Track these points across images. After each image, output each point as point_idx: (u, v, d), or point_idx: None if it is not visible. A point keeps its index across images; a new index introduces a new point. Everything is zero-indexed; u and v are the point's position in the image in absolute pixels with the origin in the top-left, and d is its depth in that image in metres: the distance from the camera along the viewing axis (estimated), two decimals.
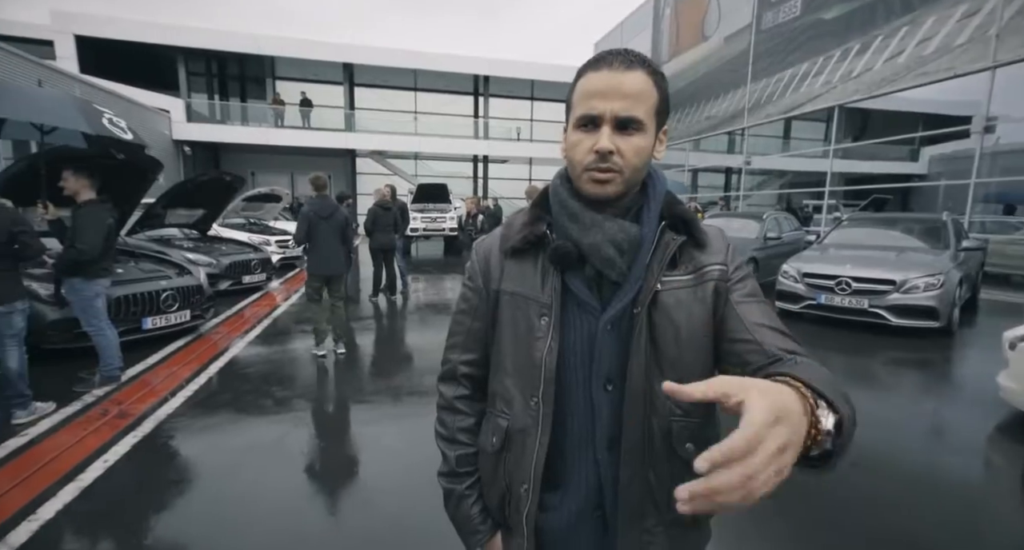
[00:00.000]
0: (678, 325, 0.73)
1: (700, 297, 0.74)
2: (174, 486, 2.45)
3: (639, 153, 0.70)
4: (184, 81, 16.78)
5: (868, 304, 5.23)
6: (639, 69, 0.68)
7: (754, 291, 0.77)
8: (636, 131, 0.69)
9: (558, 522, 0.80)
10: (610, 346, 0.74)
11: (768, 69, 11.85)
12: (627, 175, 0.70)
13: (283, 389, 3.68)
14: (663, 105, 0.72)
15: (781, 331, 0.72)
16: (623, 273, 0.72)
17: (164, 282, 4.61)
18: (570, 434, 0.77)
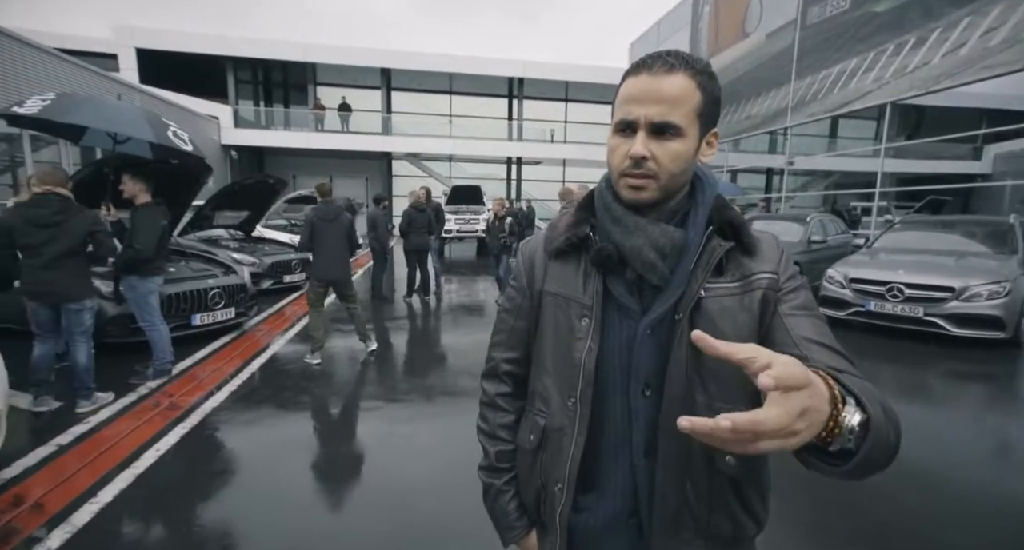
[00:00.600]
0: (722, 333, 0.67)
1: (746, 305, 0.72)
2: (218, 477, 2.57)
3: (676, 158, 0.68)
4: (232, 88, 17.61)
5: (923, 312, 4.92)
6: (680, 72, 0.67)
7: (807, 304, 0.73)
8: (673, 136, 0.67)
9: (592, 524, 0.79)
10: (649, 351, 0.73)
11: (814, 66, 11.36)
12: (663, 181, 0.69)
13: (320, 386, 3.79)
14: (709, 107, 0.70)
15: (833, 348, 0.68)
16: (664, 277, 0.71)
17: (212, 281, 4.84)
18: (606, 437, 0.77)
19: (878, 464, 0.52)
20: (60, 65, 8.56)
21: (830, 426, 0.49)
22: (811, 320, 0.71)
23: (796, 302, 0.72)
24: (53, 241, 3.03)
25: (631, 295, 0.74)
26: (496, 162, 20.93)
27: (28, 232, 2.99)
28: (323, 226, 4.18)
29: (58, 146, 8.88)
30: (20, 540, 1.99)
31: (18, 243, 3.00)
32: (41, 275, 3.04)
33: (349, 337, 5.22)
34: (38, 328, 3.14)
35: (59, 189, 3.14)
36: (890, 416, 0.54)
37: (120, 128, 3.68)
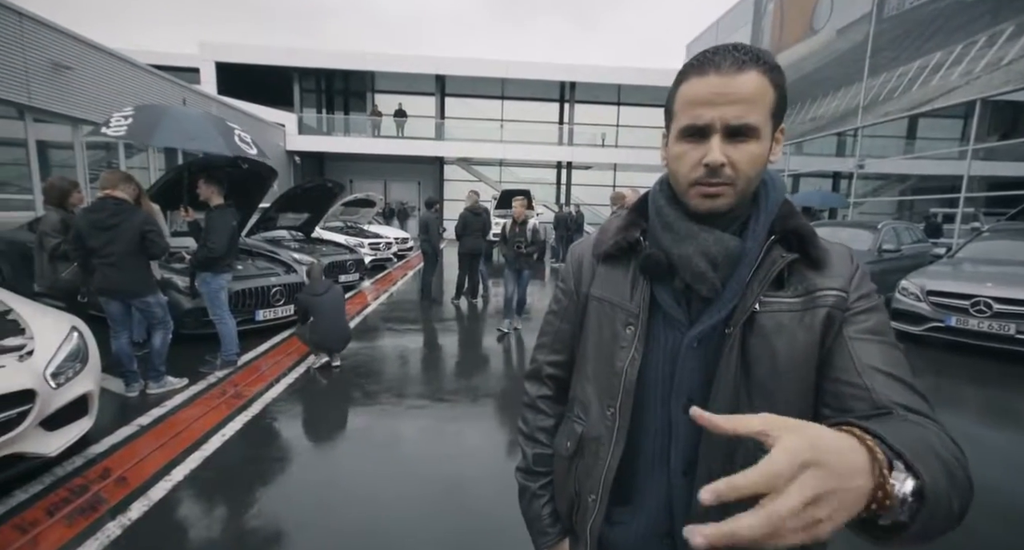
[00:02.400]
0: (776, 352, 0.65)
1: (807, 324, 0.65)
2: (276, 462, 2.73)
3: (754, 162, 0.63)
4: (298, 97, 18.71)
5: (1015, 330, 4.45)
6: (752, 68, 0.61)
7: (878, 328, 0.65)
8: (751, 138, 0.62)
9: (625, 539, 0.77)
10: (695, 365, 0.69)
11: (890, 62, 10.55)
12: (741, 186, 0.64)
13: (371, 382, 3.94)
14: (780, 103, 0.64)
15: (902, 380, 0.61)
16: (715, 288, 0.67)
17: (274, 279, 5.16)
18: (644, 452, 0.74)
19: (937, 532, 0.45)
20: (151, 80, 9.45)
21: (879, 496, 0.41)
22: (881, 347, 0.64)
23: (866, 325, 0.65)
24: (113, 242, 3.25)
25: (679, 305, 0.71)
26: (546, 166, 20.94)
27: (93, 235, 3.24)
28: (315, 301, 4.07)
29: (147, 153, 9.80)
30: (107, 509, 2.21)
31: (87, 245, 3.27)
32: (107, 273, 3.29)
33: (399, 337, 5.40)
34: (111, 321, 3.42)
35: (116, 192, 3.33)
36: (955, 475, 0.47)
37: (195, 145, 4.01)
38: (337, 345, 4.20)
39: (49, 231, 3.73)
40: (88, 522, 2.12)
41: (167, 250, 3.61)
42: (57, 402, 2.41)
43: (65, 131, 7.64)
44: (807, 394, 0.66)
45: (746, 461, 0.64)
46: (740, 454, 0.66)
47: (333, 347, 4.18)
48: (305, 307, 4.12)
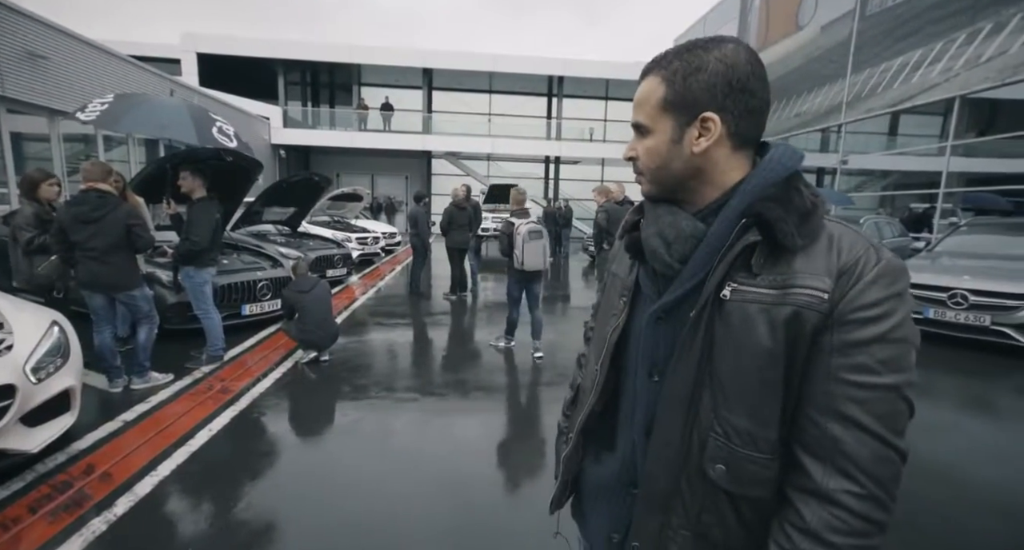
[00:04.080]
0: (738, 343, 0.64)
1: (769, 318, 0.62)
2: (264, 457, 2.71)
3: (648, 153, 0.72)
4: (282, 90, 18.40)
5: (990, 321, 4.58)
6: (649, 73, 0.71)
7: (875, 365, 0.58)
8: (645, 134, 0.72)
9: (597, 479, 0.87)
10: (660, 339, 0.74)
11: (873, 59, 10.71)
12: (650, 175, 0.74)
13: (360, 377, 3.93)
14: (676, 96, 0.67)
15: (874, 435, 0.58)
16: (667, 266, 0.71)
17: (260, 273, 5.09)
18: (622, 408, 0.83)
19: None
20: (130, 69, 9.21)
21: None
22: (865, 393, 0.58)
23: (855, 359, 0.59)
24: (97, 236, 3.19)
25: (651, 283, 0.77)
26: (534, 161, 20.92)
27: (76, 228, 3.17)
28: (301, 297, 4.04)
29: (127, 145, 9.58)
30: (91, 505, 2.18)
31: (70, 239, 3.19)
32: (91, 267, 3.23)
33: (389, 331, 5.38)
34: (94, 316, 3.34)
35: (99, 185, 3.25)
36: None
37: (166, 133, 3.93)
38: (325, 342, 4.17)
39: (23, 225, 3.62)
40: (72, 518, 2.08)
41: (153, 243, 3.55)
42: (38, 398, 2.36)
43: (41, 122, 7.43)
44: (767, 391, 0.64)
45: (698, 441, 0.68)
46: (696, 434, 0.68)
47: (321, 344, 4.15)
48: (291, 303, 4.08)
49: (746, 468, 0.66)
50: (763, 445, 0.65)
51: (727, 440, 0.66)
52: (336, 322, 4.41)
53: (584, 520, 0.92)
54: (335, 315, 4.93)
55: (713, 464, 0.67)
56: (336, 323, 4.38)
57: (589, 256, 11.37)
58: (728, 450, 0.66)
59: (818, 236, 0.64)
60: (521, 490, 2.51)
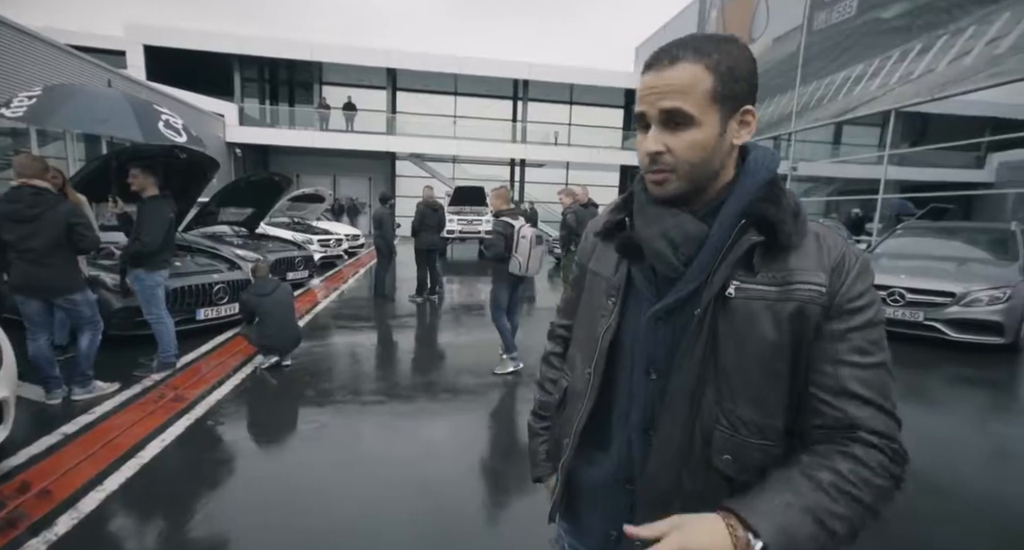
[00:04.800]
0: (741, 338, 0.67)
1: (775, 313, 0.66)
2: (222, 466, 2.59)
3: (692, 147, 0.66)
4: (238, 86, 17.67)
5: (923, 317, 4.94)
6: (684, 60, 0.65)
7: (868, 344, 0.66)
8: (686, 125, 0.65)
9: (593, 479, 0.86)
10: (660, 339, 0.73)
11: (819, 71, 11.39)
12: (684, 171, 0.67)
13: (324, 381, 3.82)
14: (729, 86, 0.65)
15: (876, 404, 0.65)
16: (673, 268, 0.70)
17: (216, 275, 4.88)
18: (615, 407, 0.82)
19: None
20: (68, 60, 8.63)
21: None
22: (868, 370, 0.65)
23: (856, 343, 0.65)
24: (34, 236, 2.95)
25: (649, 283, 0.75)
26: (499, 164, 20.98)
27: (7, 227, 2.94)
28: (261, 301, 3.89)
29: (64, 141, 8.95)
30: (27, 525, 2.02)
31: (2, 238, 2.95)
32: (27, 269, 2.99)
33: (353, 334, 5.26)
34: (29, 322, 3.09)
35: (35, 181, 3.02)
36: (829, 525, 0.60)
37: (106, 129, 3.66)
38: (287, 346, 4.04)
39: None
40: (4, 541, 1.93)
41: (98, 244, 3.34)
42: None
43: None
44: (771, 382, 0.67)
45: (702, 434, 0.70)
46: (699, 427, 0.70)
47: (283, 348, 4.01)
48: (251, 307, 3.93)
49: (753, 456, 0.69)
50: (770, 433, 0.69)
51: (734, 432, 0.69)
52: (299, 326, 4.27)
53: (578, 520, 0.91)
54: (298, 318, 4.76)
55: (720, 455, 0.69)
56: (299, 327, 4.25)
57: (555, 258, 11.50)
58: (736, 441, 0.69)
59: (806, 235, 0.69)
60: (495, 493, 2.50)
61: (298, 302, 6.58)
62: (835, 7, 11.18)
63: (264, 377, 3.85)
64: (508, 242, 3.81)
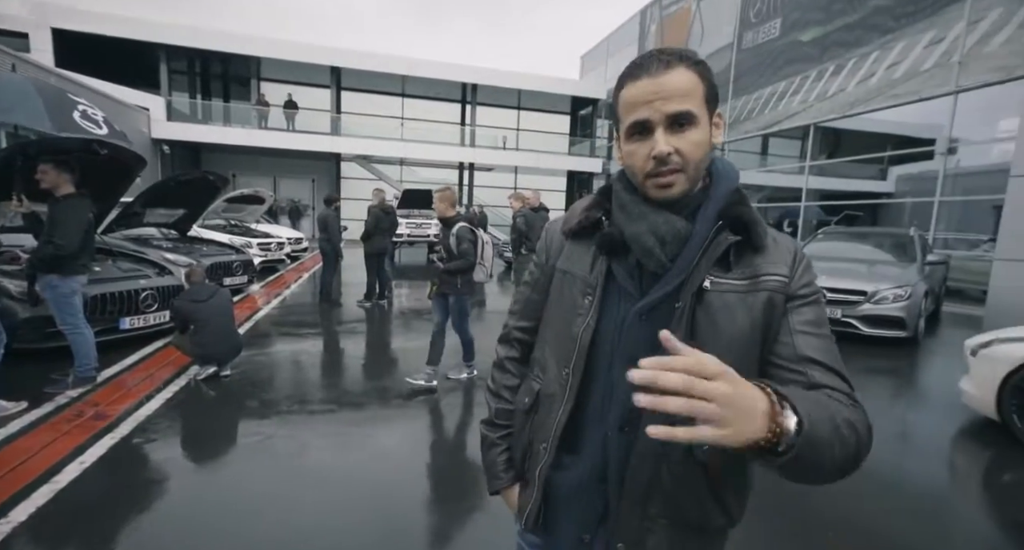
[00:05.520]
0: (720, 328, 0.72)
1: (749, 304, 0.72)
2: (154, 486, 2.40)
3: (698, 147, 0.70)
4: (165, 79, 16.44)
5: (841, 314, 5.43)
6: (679, 65, 0.69)
7: (818, 320, 0.74)
8: (691, 125, 0.69)
9: (568, 482, 0.85)
10: (642, 335, 0.75)
11: (749, 87, 12.28)
12: (691, 171, 0.71)
13: (268, 391, 3.63)
14: (711, 91, 0.72)
15: (834, 369, 0.71)
16: (662, 264, 0.73)
17: (144, 281, 4.52)
18: (591, 407, 0.81)
19: (820, 467, 0.58)
20: None
21: (773, 427, 0.53)
22: (819, 339, 0.72)
23: (807, 317, 0.73)
24: None
25: (632, 279, 0.77)
26: (448, 167, 20.86)
27: None
28: (197, 308, 3.65)
29: None
30: None
31: None
32: None
33: (298, 341, 5.03)
34: None
35: None
36: (840, 431, 0.59)
37: (9, 118, 3.33)
38: (226, 355, 3.80)
39: None
40: None
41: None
42: None
43: None
44: (749, 367, 0.72)
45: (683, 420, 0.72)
46: (679, 421, 0.73)
47: (221, 357, 3.78)
48: (185, 314, 3.67)
49: None
50: None
51: None
52: (239, 333, 4.04)
53: (553, 529, 0.88)
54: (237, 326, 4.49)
55: (701, 446, 0.72)
56: (239, 334, 4.02)
57: (505, 262, 11.58)
58: None
59: (767, 235, 0.76)
60: (452, 501, 2.48)
61: (237, 309, 6.22)
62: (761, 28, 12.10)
63: (201, 389, 3.61)
64: (473, 247, 3.69)
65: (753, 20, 12.22)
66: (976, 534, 2.31)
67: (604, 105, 20.57)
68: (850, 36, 9.83)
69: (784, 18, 11.30)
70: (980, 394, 3.22)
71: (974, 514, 2.51)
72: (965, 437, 3.28)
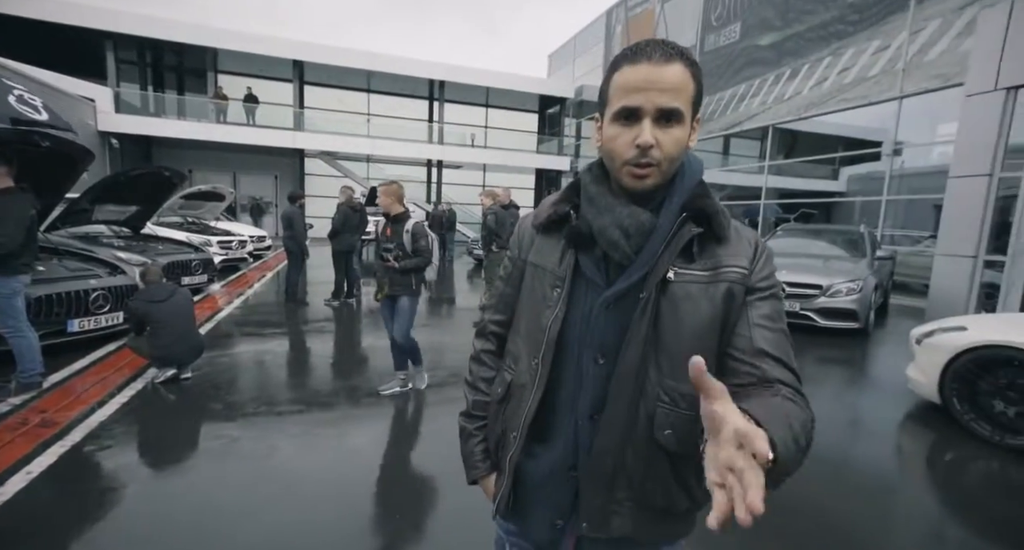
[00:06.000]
0: (682, 318, 0.74)
1: (710, 295, 0.75)
2: (110, 495, 2.28)
3: (678, 144, 0.72)
4: (113, 69, 15.52)
5: (800, 307, 5.69)
6: (678, 61, 0.69)
7: (775, 313, 0.76)
8: (677, 123, 0.70)
9: (538, 470, 0.86)
10: (610, 323, 0.77)
11: (711, 88, 12.66)
12: (665, 168, 0.73)
13: (232, 393, 3.50)
14: (699, 94, 0.73)
15: (785, 363, 0.74)
16: (627, 256, 0.75)
17: (94, 281, 4.27)
18: (560, 396, 0.83)
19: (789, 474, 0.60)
20: None
21: None
22: (774, 333, 0.75)
23: (765, 311, 0.76)
24: None
25: (598, 271, 0.79)
26: (416, 164, 20.60)
27: None
28: (154, 308, 3.47)
29: None
30: None
31: None
32: None
33: (264, 342, 4.87)
34: None
35: None
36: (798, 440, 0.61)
37: None
38: (186, 357, 3.64)
39: None
40: None
41: None
42: None
43: None
44: (710, 361, 0.75)
45: (645, 412, 0.76)
46: (642, 406, 0.77)
47: (182, 359, 3.61)
48: (141, 315, 3.49)
49: (690, 428, 0.74)
50: None
51: (675, 406, 0.76)
52: (200, 334, 3.88)
53: (526, 516, 0.90)
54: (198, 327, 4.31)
55: (662, 431, 0.76)
56: (200, 335, 3.85)
57: (475, 259, 11.55)
58: (675, 415, 0.76)
59: (730, 227, 0.78)
60: (427, 497, 2.46)
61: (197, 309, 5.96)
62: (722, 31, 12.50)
63: (159, 392, 3.45)
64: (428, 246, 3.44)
65: (714, 23, 12.62)
66: (919, 509, 2.47)
67: (572, 104, 20.78)
68: (804, 42, 10.30)
69: (743, 22, 11.72)
70: (924, 380, 3.45)
71: (918, 491, 2.68)
72: (911, 421, 3.50)
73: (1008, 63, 5.26)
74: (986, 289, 5.66)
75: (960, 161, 5.84)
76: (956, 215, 5.88)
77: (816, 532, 2.18)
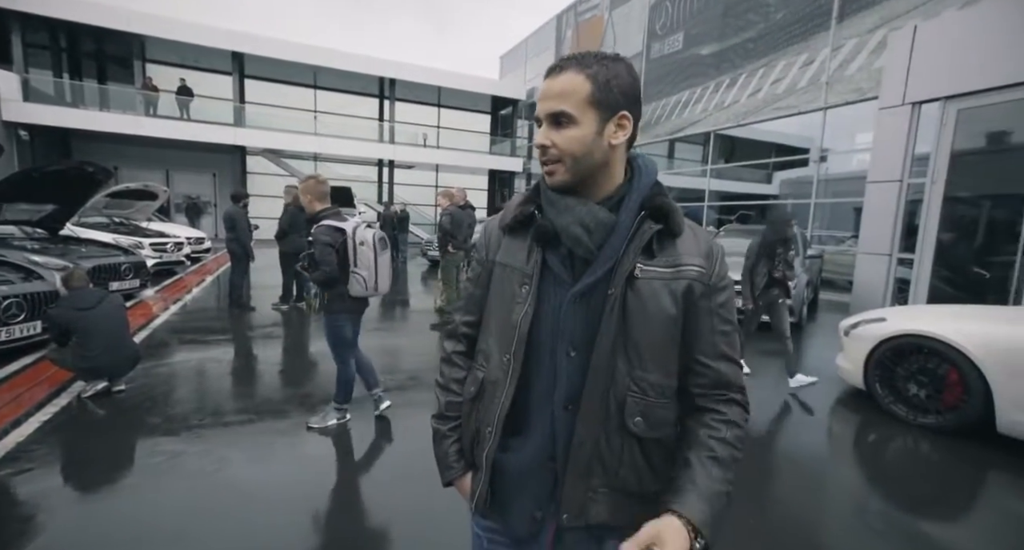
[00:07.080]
0: (648, 312, 0.80)
1: (671, 290, 0.80)
2: (30, 523, 2.08)
3: (571, 142, 0.77)
4: (20, 53, 14.05)
5: (741, 303, 6.04)
6: (568, 70, 0.77)
7: (729, 316, 0.85)
8: (569, 123, 0.77)
9: (515, 464, 0.89)
10: (579, 318, 0.81)
11: (657, 94, 13.20)
12: (569, 163, 0.78)
13: (173, 405, 3.28)
14: (604, 93, 0.77)
15: (735, 360, 0.85)
16: (590, 250, 0.80)
17: (5, 288, 3.87)
18: (534, 390, 0.86)
19: None
20: None
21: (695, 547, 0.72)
22: (730, 336, 0.85)
23: (724, 315, 0.84)
24: None
25: (564, 267, 0.83)
26: (367, 163, 20.07)
27: None
28: (81, 316, 3.20)
29: None
30: None
31: None
32: None
33: (206, 349, 4.59)
34: None
35: None
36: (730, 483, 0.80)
37: None
38: (119, 367, 3.38)
39: None
40: None
41: None
42: None
43: None
44: (670, 348, 0.83)
45: (616, 401, 0.82)
46: (613, 395, 0.82)
47: (113, 370, 3.34)
48: (65, 324, 3.20)
49: (658, 414, 0.83)
50: (668, 392, 0.84)
51: (644, 395, 0.82)
52: (135, 343, 3.60)
53: (505, 510, 0.91)
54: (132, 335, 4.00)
55: (633, 418, 0.81)
56: (135, 344, 3.58)
57: (429, 260, 11.40)
58: (645, 403, 0.82)
59: (686, 227, 0.84)
60: (393, 503, 2.42)
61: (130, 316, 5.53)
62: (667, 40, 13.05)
63: (88, 407, 3.17)
64: (341, 253, 2.79)
65: (659, 32, 13.16)
66: (845, 485, 2.71)
67: (524, 106, 20.97)
68: (741, 53, 10.96)
69: (686, 32, 12.31)
70: (851, 368, 3.77)
71: (845, 469, 2.93)
72: (840, 405, 3.81)
73: (913, 80, 5.84)
74: (899, 284, 6.26)
75: (876, 168, 6.42)
76: (874, 217, 6.45)
77: (752, 509, 2.34)
